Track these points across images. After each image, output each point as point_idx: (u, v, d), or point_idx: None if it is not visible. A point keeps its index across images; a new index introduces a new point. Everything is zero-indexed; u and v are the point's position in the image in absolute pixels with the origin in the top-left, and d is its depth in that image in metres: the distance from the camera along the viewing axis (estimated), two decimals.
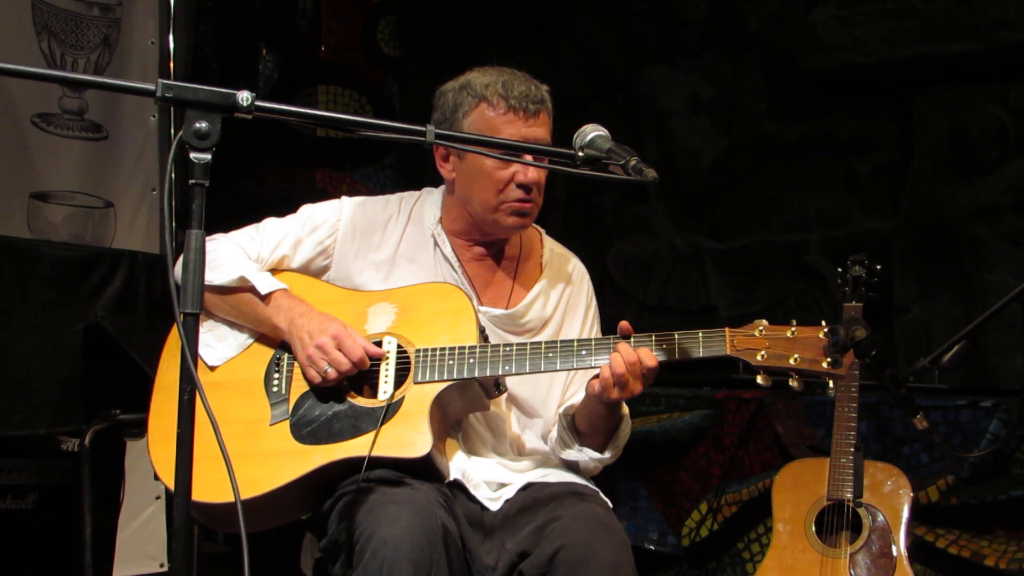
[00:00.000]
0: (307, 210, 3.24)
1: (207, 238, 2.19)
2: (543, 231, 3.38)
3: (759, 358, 2.77)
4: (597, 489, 3.15)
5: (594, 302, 3.38)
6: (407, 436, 2.85)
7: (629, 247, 6.39)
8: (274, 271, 3.14)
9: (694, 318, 6.03)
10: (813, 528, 3.99)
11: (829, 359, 2.73)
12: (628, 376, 2.82)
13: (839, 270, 3.98)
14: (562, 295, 3.29)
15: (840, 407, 3.94)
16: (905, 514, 3.93)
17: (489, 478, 3.05)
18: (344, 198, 3.28)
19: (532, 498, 2.98)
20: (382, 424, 2.86)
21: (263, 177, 7.26)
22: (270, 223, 3.22)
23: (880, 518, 3.92)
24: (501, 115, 3.04)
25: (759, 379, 2.80)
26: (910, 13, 5.13)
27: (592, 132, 2.65)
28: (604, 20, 6.55)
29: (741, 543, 5.13)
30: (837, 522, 3.94)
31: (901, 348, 5.20)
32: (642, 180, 2.51)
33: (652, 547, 5.42)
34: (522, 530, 2.89)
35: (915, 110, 5.31)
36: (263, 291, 3.01)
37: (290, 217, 3.23)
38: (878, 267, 3.94)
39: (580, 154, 2.61)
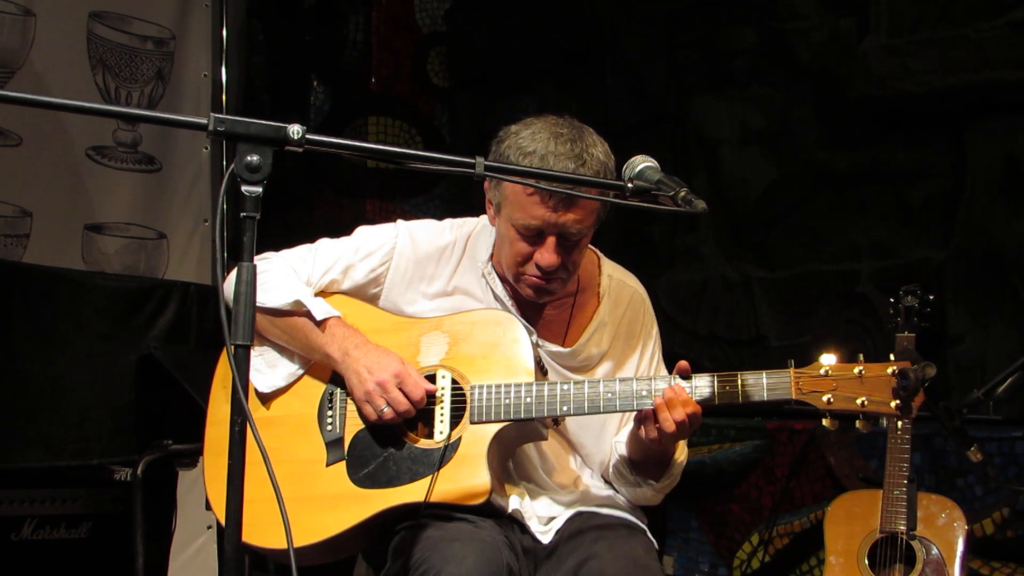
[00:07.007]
0: (362, 234, 3.15)
1: (258, 257, 2.18)
2: (601, 255, 3.25)
3: (825, 401, 2.69)
4: (645, 527, 3.10)
5: (655, 329, 3.25)
6: (466, 481, 2.81)
7: (679, 276, 6.36)
8: (323, 294, 3.07)
9: (744, 348, 6.00)
10: (866, 561, 3.95)
11: (898, 401, 2.63)
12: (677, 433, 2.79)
13: (891, 300, 3.95)
14: (620, 324, 3.17)
15: (893, 438, 3.91)
16: (960, 547, 3.88)
17: (541, 513, 3.02)
18: (400, 223, 3.18)
19: (578, 528, 2.95)
20: (440, 468, 2.82)
21: (313, 207, 7.29)
22: (324, 245, 3.13)
23: (934, 551, 3.88)
24: (528, 195, 2.85)
25: (825, 422, 2.71)
26: (962, 42, 5.10)
27: (641, 163, 2.61)
28: (654, 50, 6.55)
29: (793, 575, 5.09)
30: (890, 555, 3.90)
31: (954, 379, 5.15)
32: (692, 211, 2.48)
33: None
34: (564, 563, 2.85)
35: (967, 139, 5.28)
36: (318, 317, 2.93)
37: (344, 240, 3.14)
38: (931, 297, 3.90)
39: (629, 185, 2.58)
